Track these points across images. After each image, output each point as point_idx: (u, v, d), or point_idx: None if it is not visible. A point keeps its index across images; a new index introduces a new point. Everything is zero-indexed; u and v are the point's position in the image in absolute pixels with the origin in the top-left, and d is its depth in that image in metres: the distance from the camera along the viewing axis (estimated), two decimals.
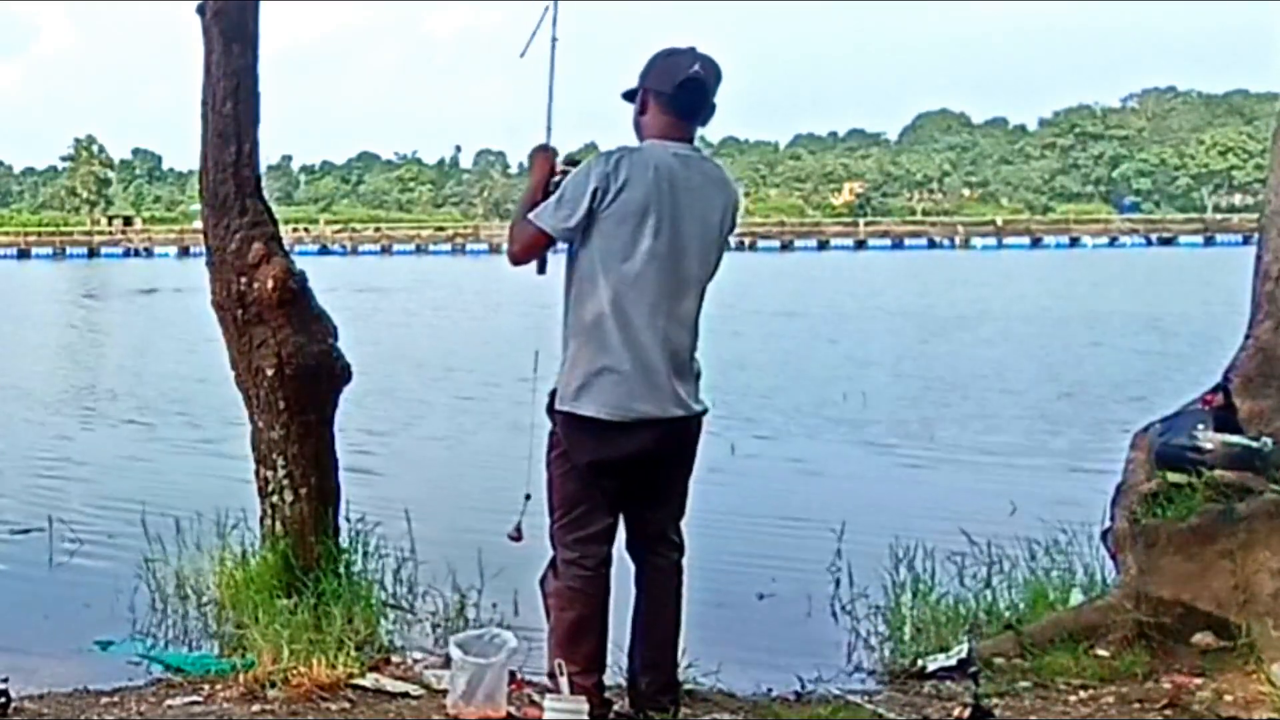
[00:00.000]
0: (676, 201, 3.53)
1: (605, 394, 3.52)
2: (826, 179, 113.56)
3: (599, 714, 3.63)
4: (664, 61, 3.62)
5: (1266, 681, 3.88)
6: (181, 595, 5.48)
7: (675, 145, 3.60)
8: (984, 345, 19.28)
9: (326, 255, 68.56)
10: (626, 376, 3.52)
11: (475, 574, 5.46)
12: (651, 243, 3.50)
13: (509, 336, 21.28)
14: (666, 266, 3.53)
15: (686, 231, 3.55)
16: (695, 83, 3.58)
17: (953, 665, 4.34)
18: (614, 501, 3.65)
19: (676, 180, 3.53)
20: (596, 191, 3.48)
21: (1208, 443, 4.50)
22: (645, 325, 3.52)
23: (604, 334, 3.52)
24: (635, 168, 3.50)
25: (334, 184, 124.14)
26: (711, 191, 3.63)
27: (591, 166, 3.52)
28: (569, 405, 3.57)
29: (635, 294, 3.51)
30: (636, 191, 3.48)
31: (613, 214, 3.49)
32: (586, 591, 3.62)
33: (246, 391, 5.08)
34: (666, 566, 3.76)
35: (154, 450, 10.55)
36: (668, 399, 3.58)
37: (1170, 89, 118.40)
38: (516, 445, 10.08)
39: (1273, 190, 4.90)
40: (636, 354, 3.52)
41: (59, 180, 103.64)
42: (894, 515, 6.96)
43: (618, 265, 3.51)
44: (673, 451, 3.68)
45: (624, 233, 3.50)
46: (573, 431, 3.59)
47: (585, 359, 3.55)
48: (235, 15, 4.95)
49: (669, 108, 3.59)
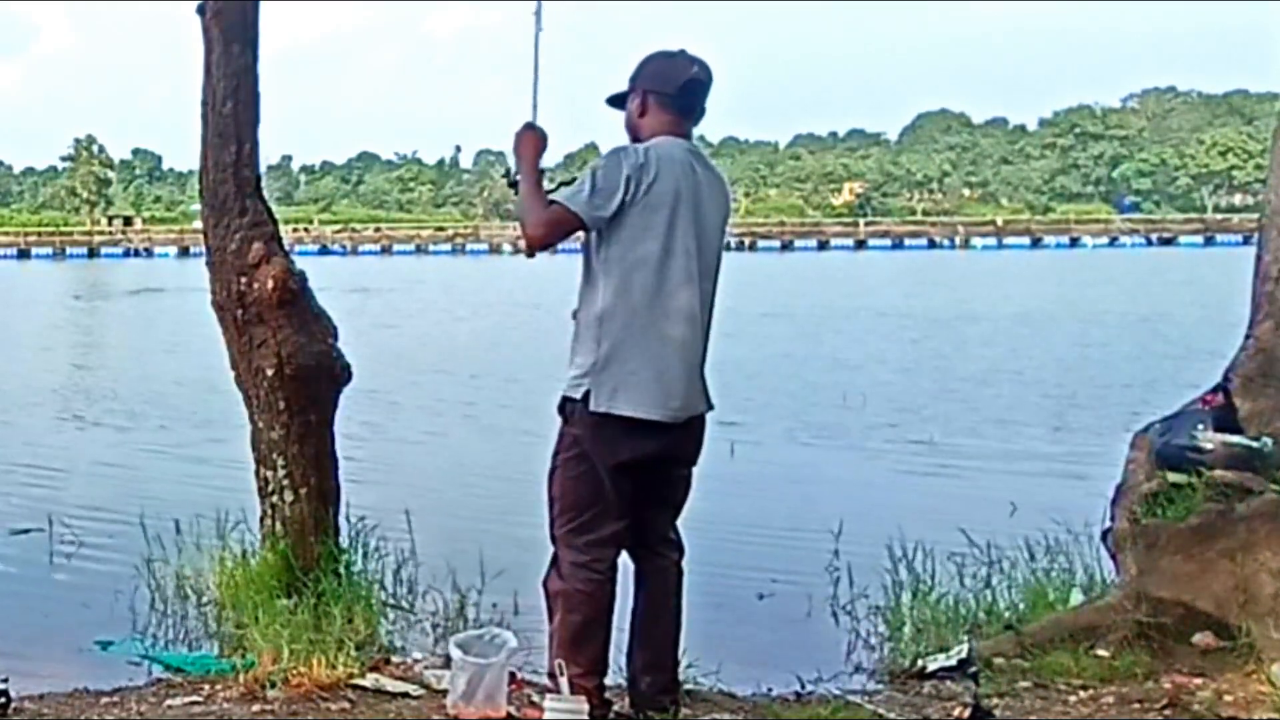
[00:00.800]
0: (698, 194, 3.57)
1: (643, 392, 3.48)
2: (826, 179, 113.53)
3: (599, 715, 3.62)
4: (662, 63, 3.65)
5: (1266, 681, 3.88)
6: (181, 595, 5.48)
7: (683, 142, 3.63)
8: (984, 345, 19.28)
9: (326, 255, 68.55)
10: (663, 373, 3.51)
11: (475, 574, 5.46)
12: (682, 235, 3.52)
13: (499, 336, 21.31)
14: (693, 259, 3.55)
15: (709, 223, 3.59)
16: (697, 83, 3.64)
17: (953, 665, 4.33)
18: (629, 505, 3.61)
19: (697, 174, 3.58)
20: (629, 180, 3.46)
21: (1208, 443, 4.50)
22: (678, 320, 3.53)
23: (634, 332, 3.49)
24: (663, 161, 3.51)
25: (334, 184, 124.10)
26: (719, 187, 3.69)
27: (621, 159, 3.49)
28: (605, 405, 3.49)
29: (668, 288, 3.51)
30: (666, 183, 3.50)
31: (644, 205, 3.48)
32: (595, 596, 3.59)
33: (246, 391, 5.08)
34: (667, 567, 3.75)
35: (154, 450, 10.55)
36: (695, 396, 3.61)
37: (1170, 89, 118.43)
38: (517, 446, 10.08)
39: (1273, 190, 4.90)
40: (671, 350, 3.52)
41: (59, 180, 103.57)
42: (894, 515, 6.94)
43: (652, 258, 3.49)
44: (689, 450, 3.70)
45: (657, 224, 3.49)
46: (606, 432, 3.52)
47: (620, 356, 3.50)
48: (235, 15, 4.95)
49: (670, 107, 3.62)
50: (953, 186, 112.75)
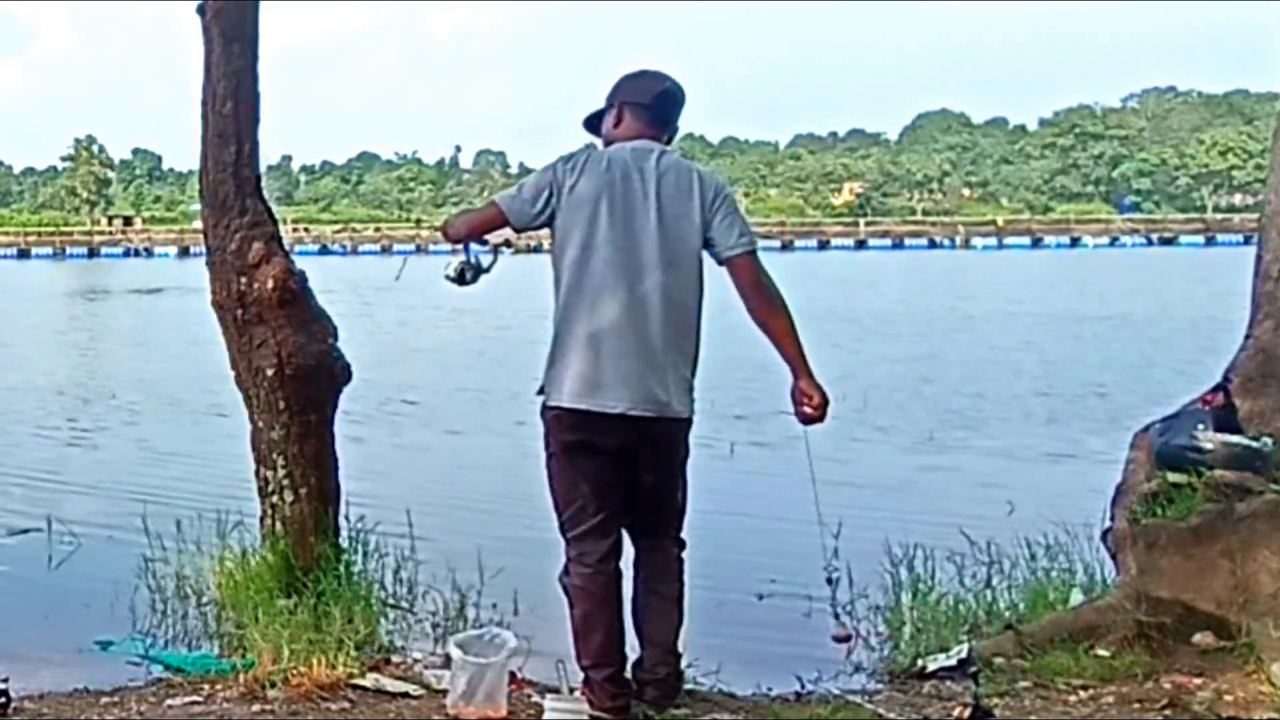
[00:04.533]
0: (629, 189, 3.64)
1: (577, 384, 3.60)
2: (826, 179, 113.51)
3: (619, 704, 3.71)
4: (636, 79, 3.87)
5: (1266, 681, 3.88)
6: (181, 595, 5.48)
7: (634, 142, 3.73)
8: (984, 345, 19.28)
9: (327, 255, 68.52)
10: (592, 365, 3.60)
11: (475, 574, 5.46)
12: (606, 230, 3.61)
13: (499, 336, 21.31)
14: (623, 255, 3.61)
15: (640, 217, 3.63)
16: (669, 95, 3.83)
17: (953, 665, 4.34)
18: (602, 497, 3.69)
19: (629, 169, 3.66)
20: (554, 184, 3.65)
21: (1208, 443, 4.50)
22: (605, 315, 3.60)
23: (569, 324, 3.64)
24: (590, 162, 3.68)
25: (334, 184, 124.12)
26: (668, 174, 3.68)
27: (555, 164, 3.70)
28: (554, 399, 3.67)
29: (594, 281, 3.62)
30: (588, 183, 3.64)
31: (568, 206, 3.64)
32: (588, 588, 3.70)
33: (246, 391, 5.07)
34: (660, 548, 3.82)
35: (153, 450, 10.54)
36: (635, 393, 3.59)
37: (1170, 89, 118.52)
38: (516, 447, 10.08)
39: (1273, 190, 4.91)
40: (606, 343, 3.60)
41: (59, 180, 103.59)
42: (894, 515, 6.95)
43: (576, 254, 3.63)
44: (646, 451, 3.68)
45: (580, 221, 3.62)
46: (559, 425, 3.67)
47: (554, 351, 3.68)
48: (235, 15, 4.95)
49: (643, 115, 3.78)
50: (953, 186, 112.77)
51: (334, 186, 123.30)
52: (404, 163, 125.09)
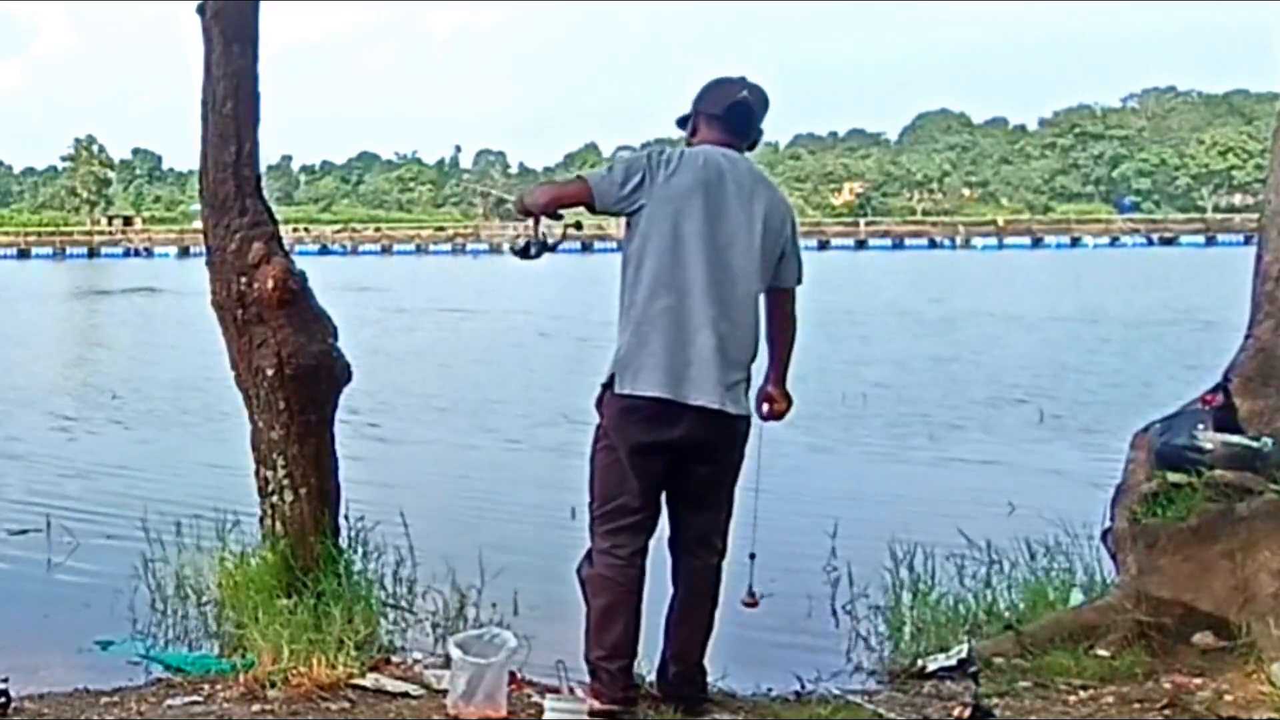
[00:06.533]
0: (724, 191, 3.68)
1: (649, 375, 3.63)
2: (826, 179, 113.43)
3: (627, 698, 3.76)
4: (713, 88, 3.90)
5: (1266, 681, 3.88)
6: (181, 595, 5.47)
7: (722, 148, 3.78)
8: (984, 345, 19.28)
9: (326, 255, 68.54)
10: (670, 358, 3.63)
11: (475, 574, 5.45)
12: (699, 226, 3.64)
13: (499, 336, 21.32)
14: (712, 252, 3.65)
15: (733, 221, 3.68)
16: (744, 105, 3.84)
17: (953, 665, 4.34)
18: (652, 494, 3.74)
19: (724, 172, 3.71)
20: (646, 171, 3.66)
21: (1208, 443, 4.50)
22: (692, 309, 3.64)
23: (650, 316, 3.65)
24: (686, 158, 3.71)
25: (334, 184, 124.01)
26: (758, 188, 3.77)
27: (649, 152, 3.75)
28: (628, 387, 3.66)
29: (683, 274, 3.64)
30: (685, 177, 3.67)
31: (661, 195, 3.65)
32: (617, 581, 3.73)
33: (246, 391, 5.07)
34: (702, 569, 3.87)
35: (153, 450, 10.54)
36: (711, 390, 3.66)
37: (1170, 89, 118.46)
38: (517, 447, 10.04)
39: (1273, 190, 4.90)
40: (682, 337, 3.63)
41: (59, 180, 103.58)
42: (894, 515, 6.95)
43: (665, 244, 3.64)
44: (713, 446, 3.74)
45: (671, 213, 3.64)
46: (618, 414, 3.70)
47: (633, 341, 3.67)
48: (235, 15, 4.95)
49: (716, 125, 3.83)
50: (953, 186, 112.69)
51: (334, 186, 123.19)
52: (404, 163, 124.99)
